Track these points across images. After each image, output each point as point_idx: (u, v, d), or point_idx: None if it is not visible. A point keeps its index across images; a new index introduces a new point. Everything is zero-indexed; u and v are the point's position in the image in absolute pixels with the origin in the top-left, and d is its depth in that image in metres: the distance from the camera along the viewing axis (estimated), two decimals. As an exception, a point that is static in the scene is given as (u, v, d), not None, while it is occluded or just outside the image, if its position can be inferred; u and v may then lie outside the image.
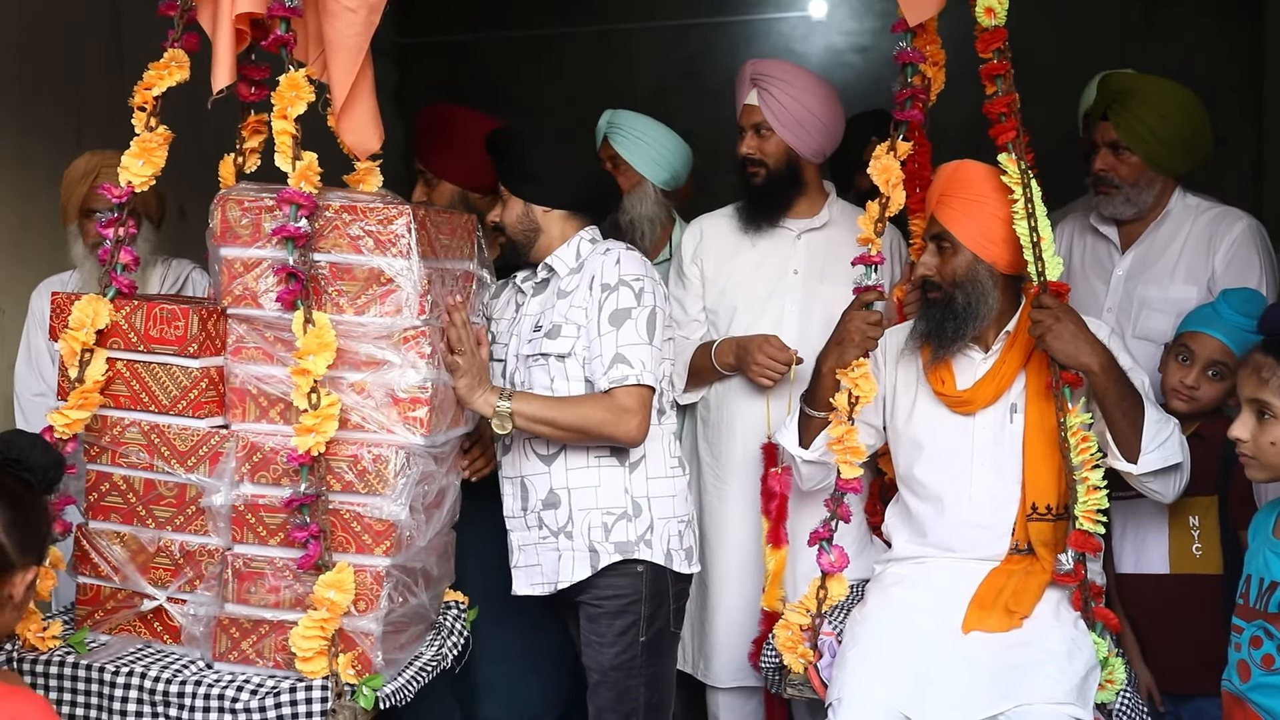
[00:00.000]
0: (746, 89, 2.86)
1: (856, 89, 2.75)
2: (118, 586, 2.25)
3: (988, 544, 2.39)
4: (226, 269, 2.19)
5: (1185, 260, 2.81)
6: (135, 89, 2.24)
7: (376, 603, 2.13)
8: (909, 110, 2.40)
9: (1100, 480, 2.24)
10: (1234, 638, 2.08)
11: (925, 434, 2.47)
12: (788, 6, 6.10)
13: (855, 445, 2.38)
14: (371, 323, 2.15)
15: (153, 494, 2.22)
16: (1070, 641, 2.24)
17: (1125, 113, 2.76)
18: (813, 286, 2.86)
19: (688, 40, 6.10)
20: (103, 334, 2.20)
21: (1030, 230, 2.26)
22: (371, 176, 2.48)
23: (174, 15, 2.24)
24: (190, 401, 2.20)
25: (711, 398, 2.92)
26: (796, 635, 2.40)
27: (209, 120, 2.31)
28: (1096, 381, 2.24)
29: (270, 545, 2.17)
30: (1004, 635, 2.26)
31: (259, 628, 2.17)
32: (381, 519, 2.13)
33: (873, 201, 2.41)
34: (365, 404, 2.16)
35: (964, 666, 2.22)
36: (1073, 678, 2.17)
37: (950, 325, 2.38)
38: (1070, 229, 3.01)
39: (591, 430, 2.37)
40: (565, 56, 6.12)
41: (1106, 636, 2.27)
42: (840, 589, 2.41)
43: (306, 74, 2.21)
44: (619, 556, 2.44)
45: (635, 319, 2.40)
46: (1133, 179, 2.80)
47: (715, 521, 2.91)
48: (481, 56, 6.15)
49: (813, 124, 2.82)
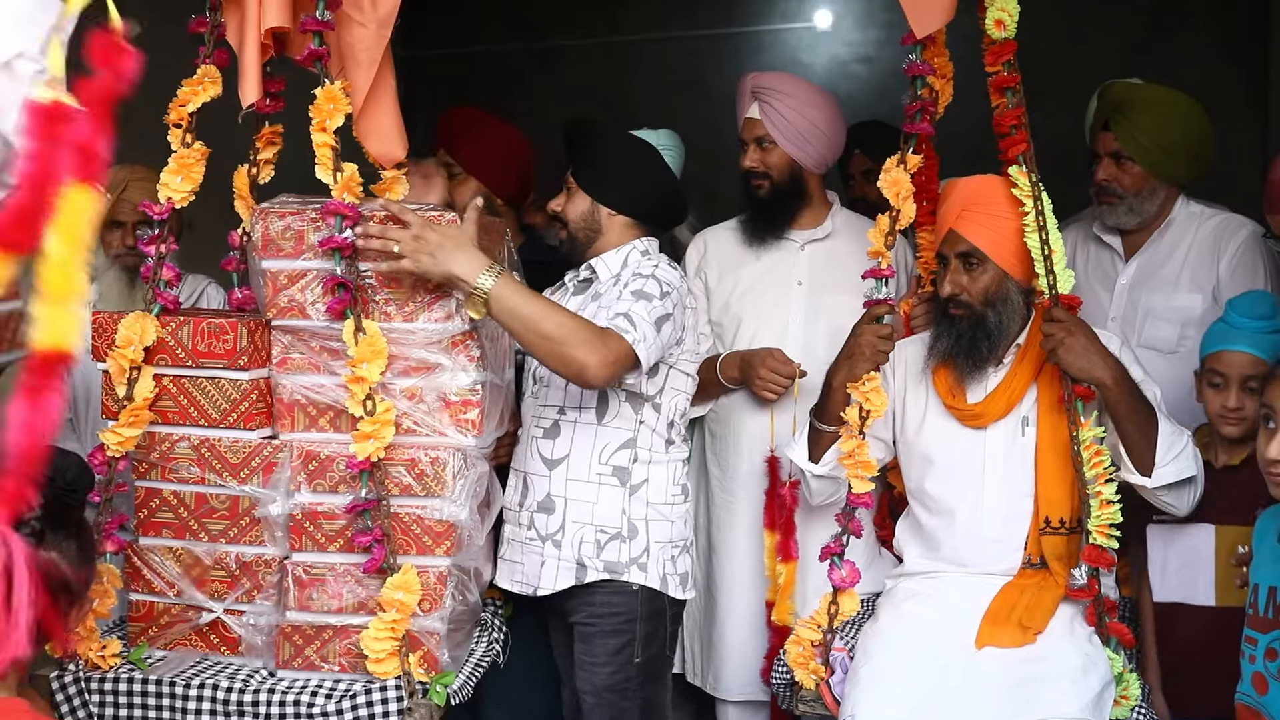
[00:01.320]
0: (747, 102, 2.86)
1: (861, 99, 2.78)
2: (172, 601, 2.27)
3: (1000, 558, 2.39)
4: (270, 281, 2.21)
5: (1189, 268, 2.81)
6: (170, 105, 2.25)
7: (441, 602, 2.19)
8: (919, 123, 2.39)
9: (1113, 494, 2.23)
10: (1247, 649, 2.05)
11: (936, 448, 2.46)
12: (792, 17, 6.14)
13: (866, 460, 2.37)
14: (421, 329, 2.20)
15: (204, 508, 2.24)
16: (1085, 657, 2.23)
17: (1126, 122, 2.75)
18: (817, 297, 2.86)
19: (693, 51, 6.09)
20: (150, 350, 2.21)
21: (1041, 243, 2.27)
22: (398, 185, 2.51)
23: (204, 32, 2.25)
24: (241, 414, 2.22)
25: (719, 411, 2.92)
26: (808, 651, 2.39)
27: (204, 132, 2.32)
28: (1109, 395, 2.24)
29: (330, 551, 2.20)
30: (1018, 651, 2.25)
31: (322, 633, 2.21)
32: (442, 520, 2.18)
33: (883, 215, 2.39)
34: (417, 409, 2.20)
35: (977, 682, 2.21)
36: (1087, 693, 2.16)
37: (985, 345, 2.37)
38: (1073, 238, 2.98)
39: (565, 341, 2.18)
40: (570, 68, 6.12)
41: (1121, 652, 2.26)
42: (852, 604, 2.40)
43: (342, 86, 2.24)
44: (606, 575, 2.41)
45: (652, 304, 2.33)
46: (1136, 188, 2.80)
47: (723, 534, 2.91)
48: (487, 68, 6.14)
49: (814, 135, 2.83)
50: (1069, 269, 2.30)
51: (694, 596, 2.62)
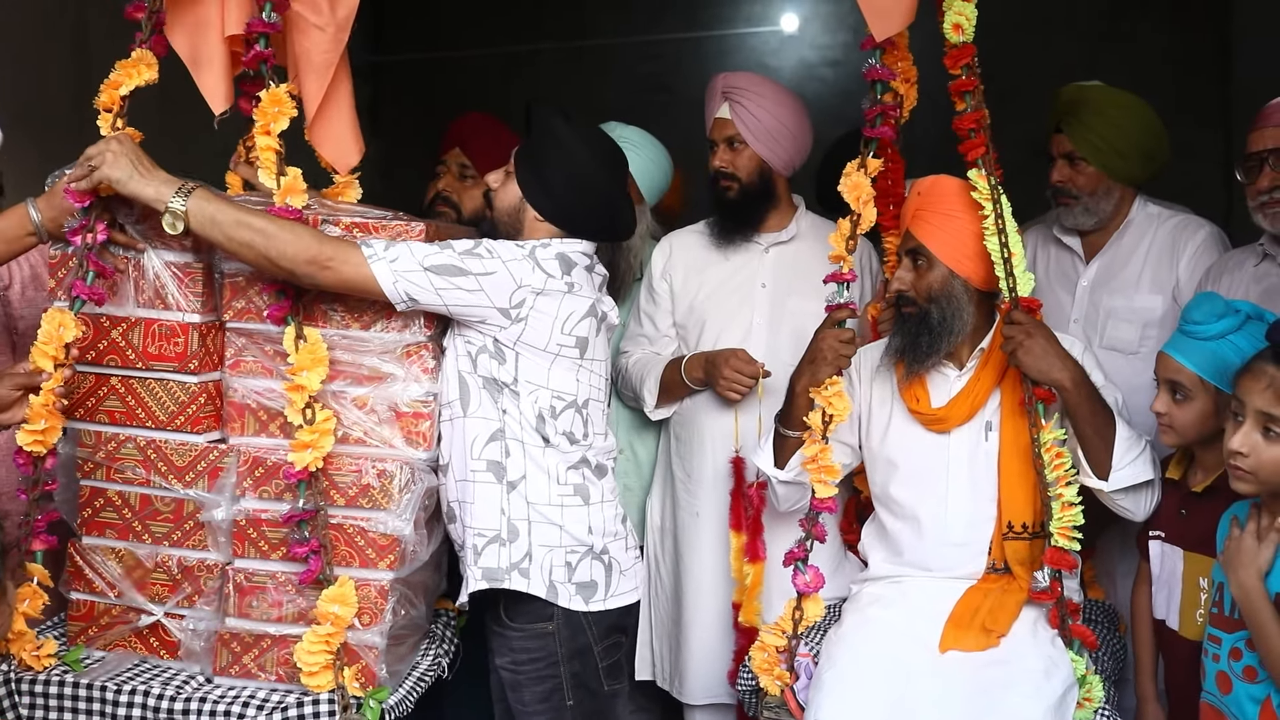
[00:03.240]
0: (717, 103, 2.84)
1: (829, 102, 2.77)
2: (113, 602, 2.24)
3: (964, 563, 2.38)
4: (229, 283, 2.18)
5: (1149, 269, 2.83)
6: (102, 87, 2.17)
7: (381, 616, 2.15)
8: (879, 128, 2.38)
9: (1075, 496, 2.23)
10: (1211, 648, 2.07)
11: (900, 453, 2.46)
12: (760, 21, 6.13)
13: (830, 464, 2.36)
14: (375, 338, 2.16)
15: (149, 509, 2.21)
16: (1047, 660, 2.22)
17: (1079, 123, 2.78)
18: (781, 300, 2.85)
19: (661, 55, 6.08)
20: (101, 350, 2.18)
21: (1001, 246, 2.26)
22: (350, 190, 2.49)
23: (141, 18, 2.17)
24: (188, 417, 2.19)
25: (682, 413, 2.91)
26: (773, 657, 2.37)
27: (171, 129, 2.28)
28: (1068, 397, 2.24)
29: (272, 560, 2.17)
30: (981, 654, 2.25)
31: (261, 642, 2.17)
32: (386, 534, 2.14)
33: (844, 219, 2.38)
34: (368, 419, 2.17)
35: (940, 687, 2.20)
36: (1049, 696, 2.15)
37: (925, 340, 2.37)
38: (1034, 240, 3.02)
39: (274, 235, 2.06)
40: (539, 71, 6.09)
41: (1084, 654, 2.25)
42: (816, 609, 2.38)
43: (288, 89, 2.20)
44: (485, 584, 2.20)
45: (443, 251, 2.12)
46: (1090, 189, 2.82)
47: (688, 536, 2.89)
48: (455, 72, 6.12)
49: (784, 135, 2.82)
50: (1029, 272, 2.29)
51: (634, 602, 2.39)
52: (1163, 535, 2.38)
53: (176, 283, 2.17)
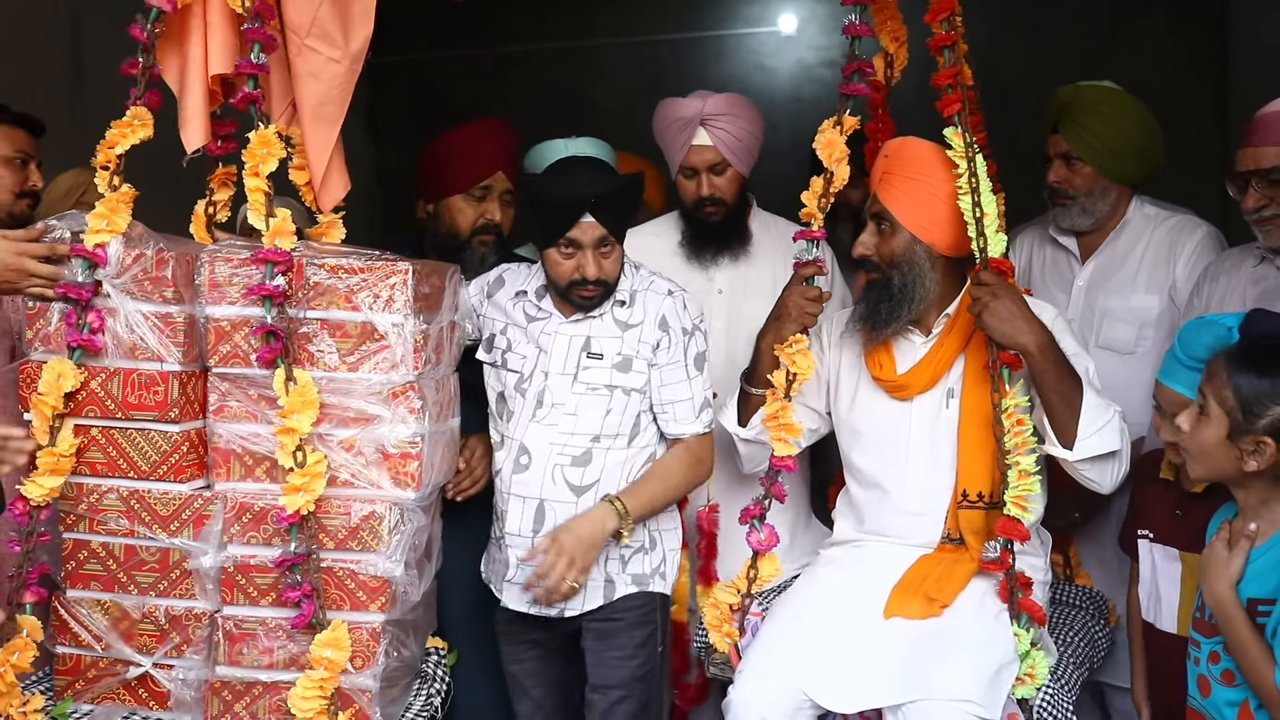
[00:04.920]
0: (691, 132, 2.81)
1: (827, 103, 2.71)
2: (100, 655, 2.21)
3: (921, 531, 2.37)
4: (214, 328, 2.17)
5: (1146, 269, 2.84)
6: (98, 148, 2.20)
7: (373, 659, 2.14)
8: (855, 84, 2.36)
9: (1033, 466, 2.18)
10: (1192, 652, 2.08)
11: (864, 420, 2.45)
12: (758, 22, 6.13)
13: (790, 422, 2.35)
14: (362, 379, 2.15)
15: (134, 560, 2.19)
16: (987, 633, 2.18)
17: (1074, 124, 2.79)
18: (737, 304, 2.87)
19: (658, 56, 6.09)
20: (79, 401, 2.16)
21: (974, 205, 2.22)
22: (334, 230, 2.48)
23: (136, 74, 2.20)
24: (171, 466, 2.17)
25: None
26: (725, 614, 2.40)
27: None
28: (1033, 362, 2.19)
29: (262, 605, 2.16)
30: (923, 624, 2.22)
31: (252, 689, 2.16)
32: (376, 575, 2.14)
33: (816, 177, 2.37)
34: (355, 461, 2.16)
35: (875, 652, 2.19)
36: (982, 672, 2.11)
37: (885, 307, 2.34)
38: (1030, 240, 3.04)
39: (689, 484, 2.49)
40: (537, 72, 6.10)
41: (1030, 629, 2.19)
42: (770, 569, 2.39)
43: (276, 130, 2.20)
44: (635, 588, 2.45)
45: (705, 366, 2.46)
46: (1087, 189, 2.84)
47: None
48: (454, 73, 6.11)
49: (754, 145, 2.85)
50: (1000, 234, 2.24)
51: None
52: (1151, 535, 2.39)
53: (156, 333, 2.16)
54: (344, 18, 2.31)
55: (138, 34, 2.18)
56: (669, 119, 2.87)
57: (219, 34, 2.25)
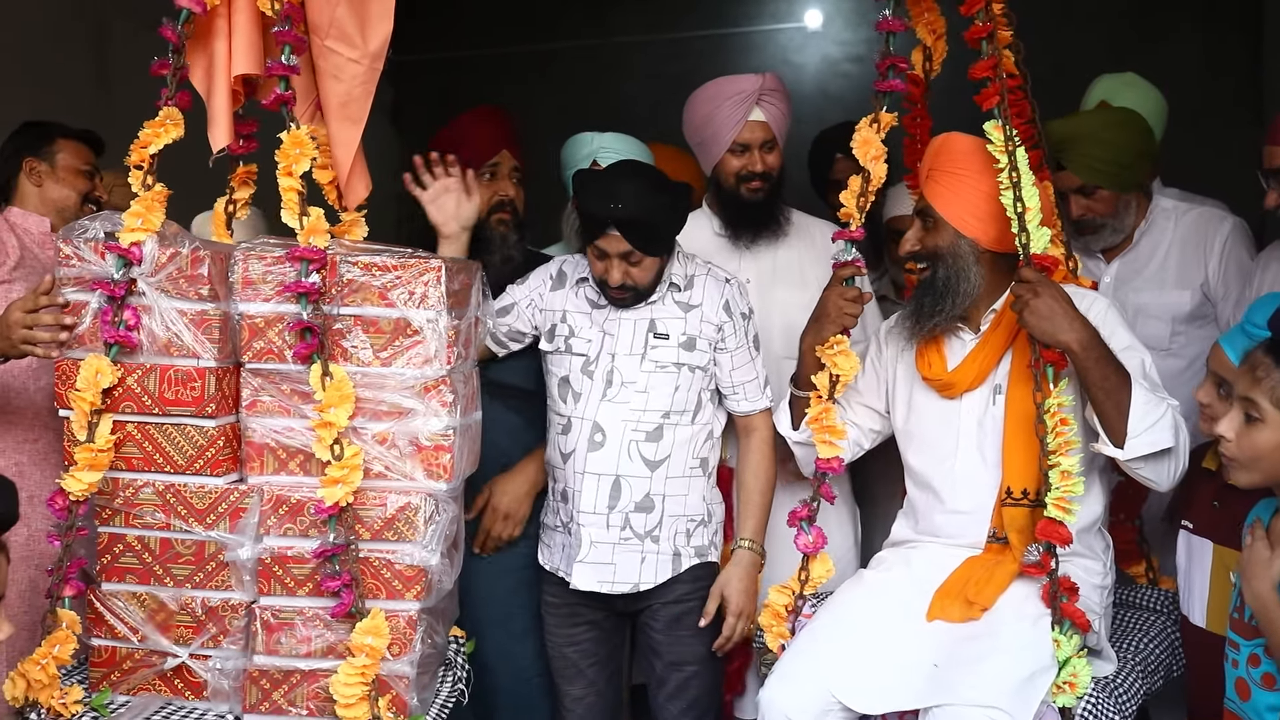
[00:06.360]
0: (748, 107, 2.79)
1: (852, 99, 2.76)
2: (136, 647, 2.25)
3: (969, 531, 2.34)
4: (247, 324, 2.21)
5: (1174, 264, 2.86)
6: (132, 147, 2.23)
7: (410, 646, 2.19)
8: (890, 79, 2.35)
9: (1074, 466, 2.13)
10: (1230, 653, 1.99)
11: (916, 421, 2.45)
12: (784, 18, 6.14)
13: (834, 424, 2.36)
14: (396, 374, 2.20)
15: (170, 553, 2.23)
16: (1023, 639, 2.15)
17: (1078, 155, 2.79)
18: (768, 293, 2.86)
19: (684, 53, 6.02)
20: (116, 397, 2.19)
21: (1015, 200, 2.18)
22: (357, 227, 2.53)
23: (166, 74, 2.23)
24: (207, 460, 2.21)
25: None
26: (779, 615, 2.43)
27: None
28: (1077, 360, 2.14)
29: (299, 596, 2.20)
30: (962, 627, 2.20)
31: (290, 677, 2.20)
32: (413, 565, 2.19)
33: (855, 176, 2.37)
34: (389, 454, 2.21)
35: (908, 655, 2.18)
36: (1011, 679, 2.08)
37: (929, 301, 2.33)
38: None
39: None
40: (561, 70, 6.08)
41: (1073, 635, 2.13)
42: (822, 569, 2.40)
43: (310, 131, 2.25)
44: (697, 560, 2.59)
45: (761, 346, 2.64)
46: (1111, 210, 2.87)
47: None
48: (478, 72, 6.08)
49: (789, 124, 2.87)
50: (1044, 228, 2.21)
51: None
52: (1192, 526, 2.35)
53: (191, 330, 2.19)
54: (361, 18, 2.35)
55: (169, 35, 2.22)
56: (725, 94, 2.83)
57: (243, 34, 2.29)
